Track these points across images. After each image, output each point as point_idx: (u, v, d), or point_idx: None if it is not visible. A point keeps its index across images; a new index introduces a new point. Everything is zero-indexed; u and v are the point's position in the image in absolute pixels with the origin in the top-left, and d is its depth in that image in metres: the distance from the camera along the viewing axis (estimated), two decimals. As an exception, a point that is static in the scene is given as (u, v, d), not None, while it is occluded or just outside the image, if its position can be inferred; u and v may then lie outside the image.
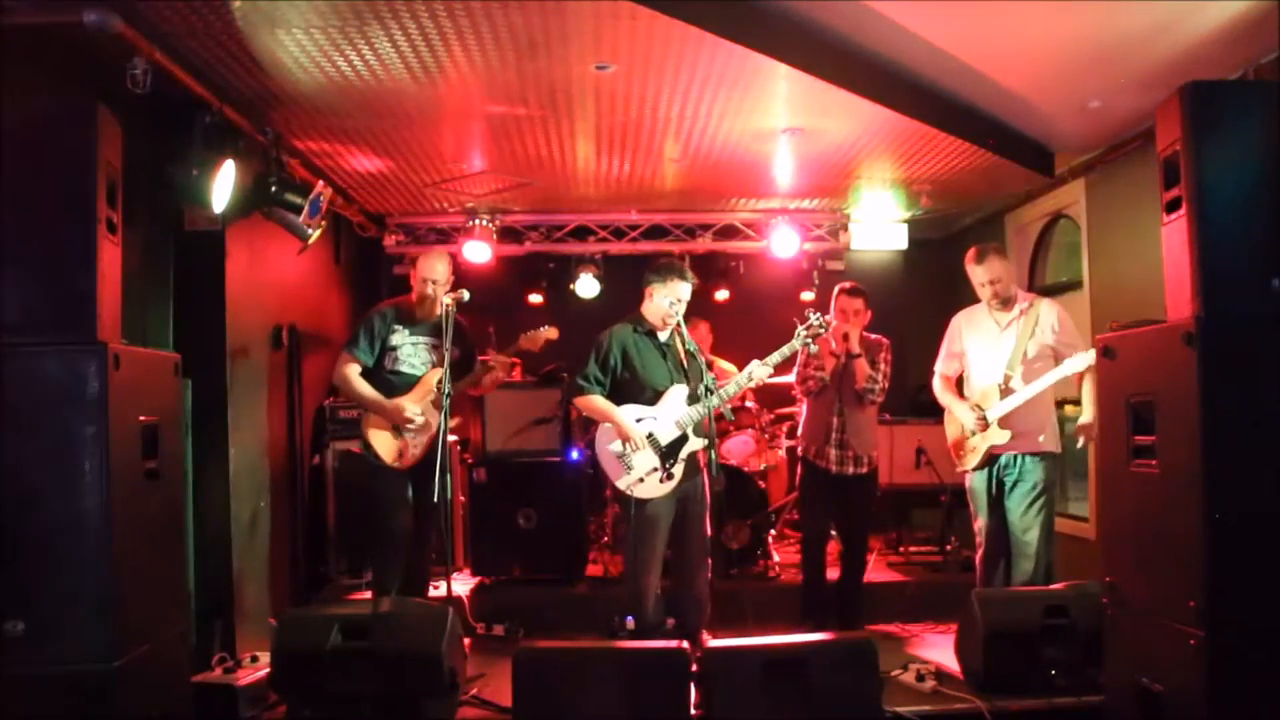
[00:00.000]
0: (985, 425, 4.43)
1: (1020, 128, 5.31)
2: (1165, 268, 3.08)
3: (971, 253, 4.55)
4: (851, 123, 4.88)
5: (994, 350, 4.49)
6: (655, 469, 4.25)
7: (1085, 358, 4.08)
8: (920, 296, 7.39)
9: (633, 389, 4.33)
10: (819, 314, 4.44)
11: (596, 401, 4.31)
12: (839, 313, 5.02)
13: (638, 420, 4.28)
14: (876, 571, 5.99)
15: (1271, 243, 2.88)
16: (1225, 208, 2.91)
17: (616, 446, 4.28)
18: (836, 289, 5.13)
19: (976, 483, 4.55)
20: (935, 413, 4.96)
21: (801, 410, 5.33)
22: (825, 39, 4.13)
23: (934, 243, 7.59)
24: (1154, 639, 3.03)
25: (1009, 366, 4.41)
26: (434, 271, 4.59)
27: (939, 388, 4.76)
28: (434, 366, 4.58)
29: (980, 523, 4.58)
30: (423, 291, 4.61)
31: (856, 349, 4.90)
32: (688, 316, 4.45)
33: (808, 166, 5.76)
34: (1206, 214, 2.90)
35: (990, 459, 4.46)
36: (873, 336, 5.07)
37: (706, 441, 4.25)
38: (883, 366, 5.00)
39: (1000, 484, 4.46)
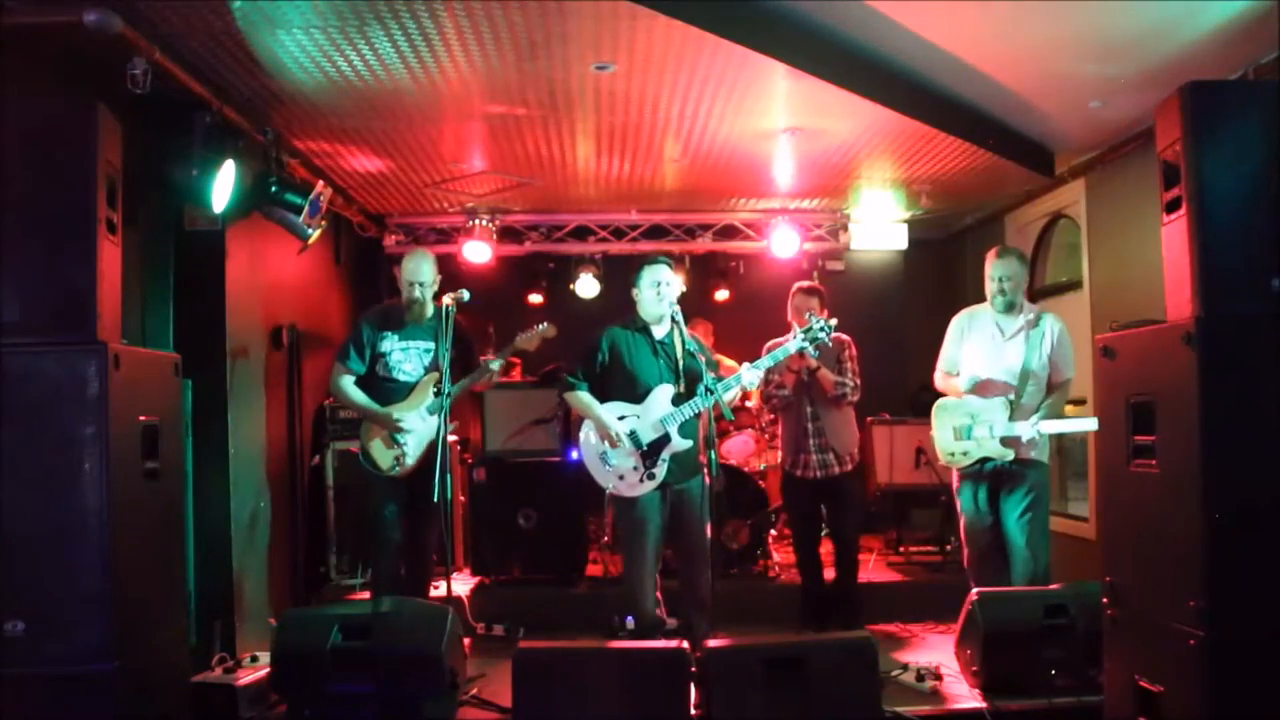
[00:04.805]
0: (1005, 442, 4.33)
1: (1020, 128, 5.31)
2: (1165, 268, 3.08)
3: (994, 250, 4.54)
4: (851, 123, 4.88)
5: (997, 358, 4.45)
6: (636, 468, 4.13)
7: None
8: (920, 296, 7.40)
9: (620, 385, 4.23)
10: (820, 318, 4.27)
11: (580, 397, 4.24)
12: (794, 313, 4.93)
13: (620, 418, 4.17)
14: (876, 571, 6.00)
15: (1271, 243, 2.88)
16: (1225, 208, 2.90)
17: (597, 444, 4.21)
18: (794, 287, 5.05)
19: (965, 485, 4.53)
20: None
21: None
22: (825, 39, 4.13)
23: (934, 243, 7.60)
24: (1154, 639, 3.03)
25: (1017, 381, 4.36)
26: (419, 274, 4.44)
27: (942, 383, 4.67)
28: (428, 372, 4.48)
29: (967, 525, 4.55)
30: (410, 295, 4.46)
31: (813, 362, 4.77)
32: (689, 316, 4.37)
33: (808, 166, 5.76)
34: (1206, 214, 2.90)
35: (981, 461, 4.44)
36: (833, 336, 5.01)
37: (691, 442, 4.16)
38: (849, 365, 4.94)
39: (992, 488, 4.43)
